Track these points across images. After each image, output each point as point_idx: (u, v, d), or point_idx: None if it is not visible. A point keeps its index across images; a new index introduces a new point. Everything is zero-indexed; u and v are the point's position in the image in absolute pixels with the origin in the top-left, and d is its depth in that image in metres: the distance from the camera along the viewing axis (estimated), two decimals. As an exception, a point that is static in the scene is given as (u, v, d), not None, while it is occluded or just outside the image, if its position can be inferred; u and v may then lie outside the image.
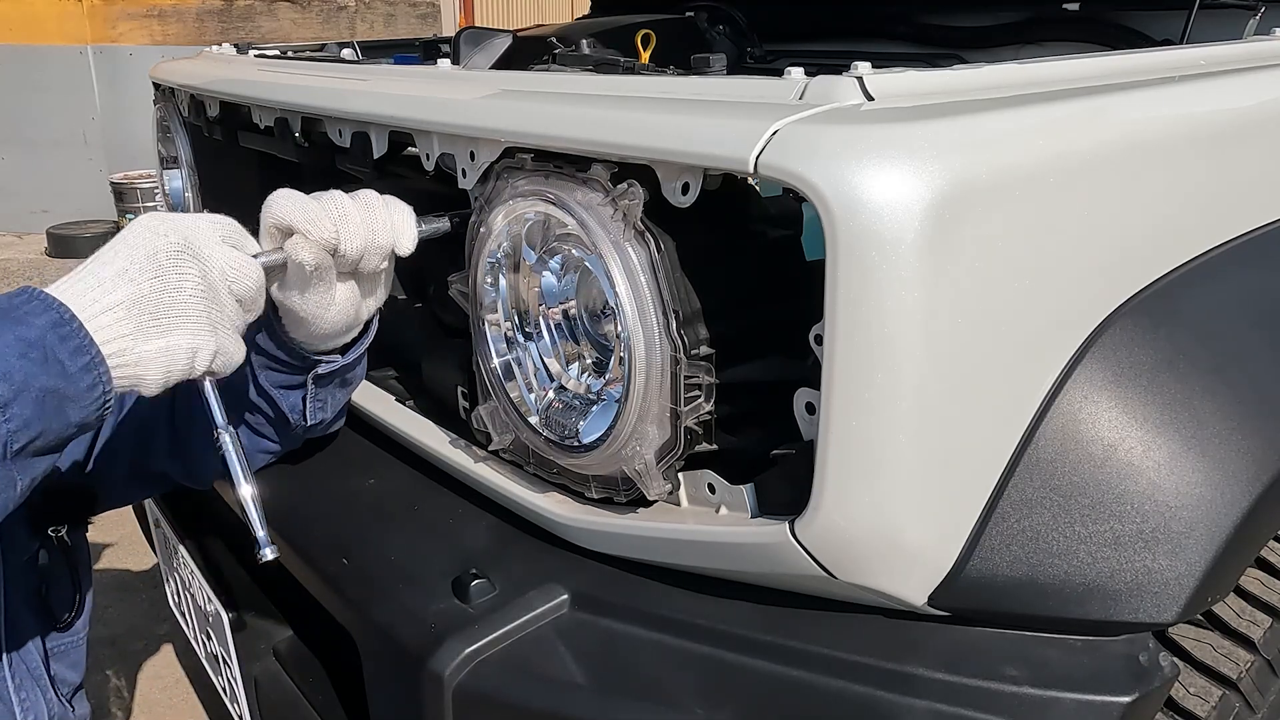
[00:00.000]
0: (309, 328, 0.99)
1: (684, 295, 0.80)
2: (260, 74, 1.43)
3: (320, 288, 0.95)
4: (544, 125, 0.86)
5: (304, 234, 0.90)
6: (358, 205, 0.93)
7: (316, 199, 0.92)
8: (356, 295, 0.99)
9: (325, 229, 0.90)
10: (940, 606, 0.79)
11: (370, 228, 0.93)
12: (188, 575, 1.41)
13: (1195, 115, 0.95)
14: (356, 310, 1.00)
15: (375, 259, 0.95)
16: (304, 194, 0.93)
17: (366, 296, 1.01)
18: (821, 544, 0.74)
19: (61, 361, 0.75)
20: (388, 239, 0.94)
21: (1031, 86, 0.86)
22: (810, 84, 0.78)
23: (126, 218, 5.85)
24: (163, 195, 1.86)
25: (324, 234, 0.90)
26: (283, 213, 0.91)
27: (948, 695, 0.77)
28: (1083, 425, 0.80)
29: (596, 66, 1.37)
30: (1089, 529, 0.78)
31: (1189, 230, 0.94)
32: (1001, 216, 0.73)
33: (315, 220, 0.90)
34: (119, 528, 2.69)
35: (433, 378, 1.21)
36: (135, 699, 2.11)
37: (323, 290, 0.95)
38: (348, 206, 0.92)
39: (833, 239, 0.67)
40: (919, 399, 0.71)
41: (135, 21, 6.40)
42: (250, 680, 1.23)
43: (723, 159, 0.72)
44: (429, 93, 1.07)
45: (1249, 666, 0.87)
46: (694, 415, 0.82)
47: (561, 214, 0.85)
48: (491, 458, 1.04)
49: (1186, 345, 0.87)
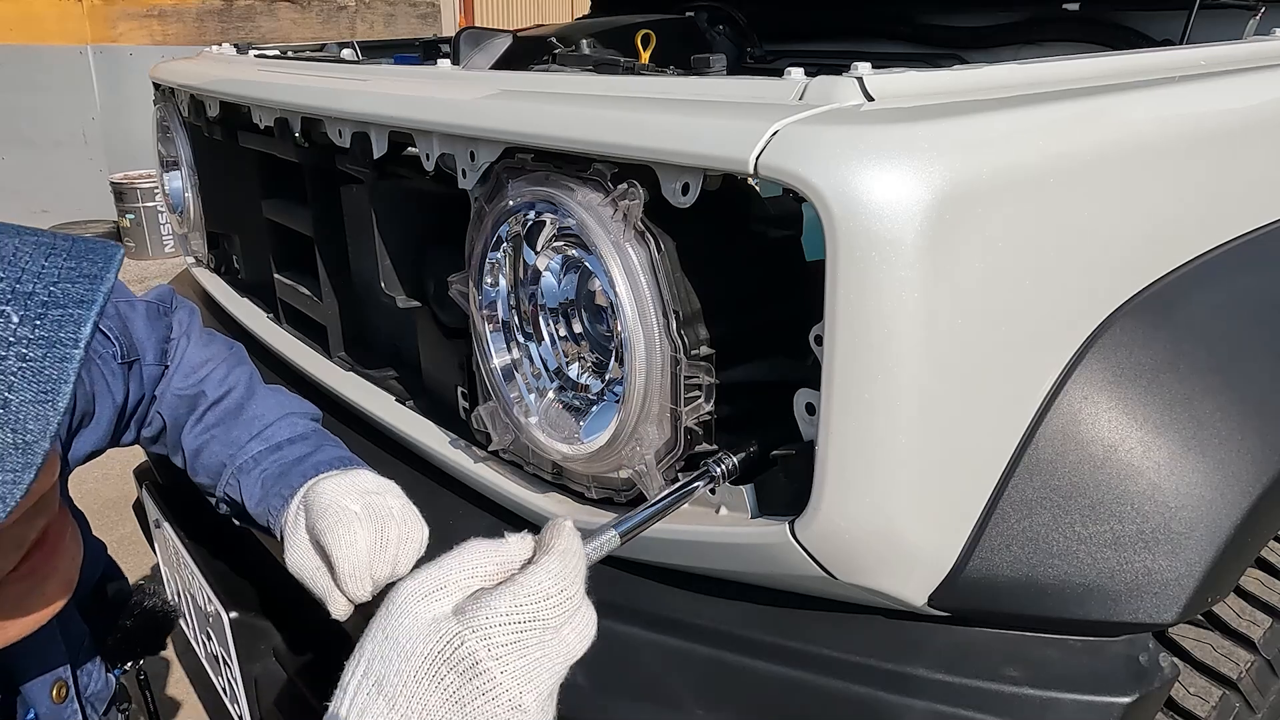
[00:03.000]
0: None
1: (684, 295, 0.80)
2: (260, 74, 1.43)
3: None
4: (544, 125, 0.86)
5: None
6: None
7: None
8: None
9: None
10: (940, 607, 0.79)
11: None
12: (188, 575, 1.41)
13: (1195, 115, 0.95)
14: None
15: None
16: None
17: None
18: (821, 544, 0.74)
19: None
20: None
21: (1032, 87, 0.86)
22: (810, 84, 0.78)
23: (127, 218, 5.86)
24: (163, 195, 1.86)
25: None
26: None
27: (948, 695, 0.77)
28: (1083, 426, 0.80)
29: (596, 66, 1.37)
30: (1089, 529, 0.78)
31: (1189, 231, 0.94)
32: (1001, 217, 0.73)
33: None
34: (119, 527, 2.69)
35: (433, 378, 1.21)
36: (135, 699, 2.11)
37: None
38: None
39: (832, 239, 0.67)
40: (919, 399, 0.71)
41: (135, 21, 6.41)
42: (250, 680, 1.23)
43: (723, 159, 0.72)
44: (429, 93, 1.07)
45: (1249, 666, 0.87)
46: (694, 415, 0.82)
47: (561, 214, 0.85)
48: (491, 458, 1.04)
49: (1187, 345, 0.87)
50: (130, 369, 1.04)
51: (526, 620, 0.60)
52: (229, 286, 1.73)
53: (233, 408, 1.06)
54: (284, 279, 1.52)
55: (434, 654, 0.59)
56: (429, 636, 0.60)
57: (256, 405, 1.06)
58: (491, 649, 0.59)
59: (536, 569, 0.62)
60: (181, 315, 1.14)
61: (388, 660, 0.60)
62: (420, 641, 0.60)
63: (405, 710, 0.59)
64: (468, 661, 0.58)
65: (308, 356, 1.41)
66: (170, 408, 1.08)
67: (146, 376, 1.07)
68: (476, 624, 0.59)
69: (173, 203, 1.83)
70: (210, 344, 1.13)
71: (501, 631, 0.59)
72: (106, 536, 1.19)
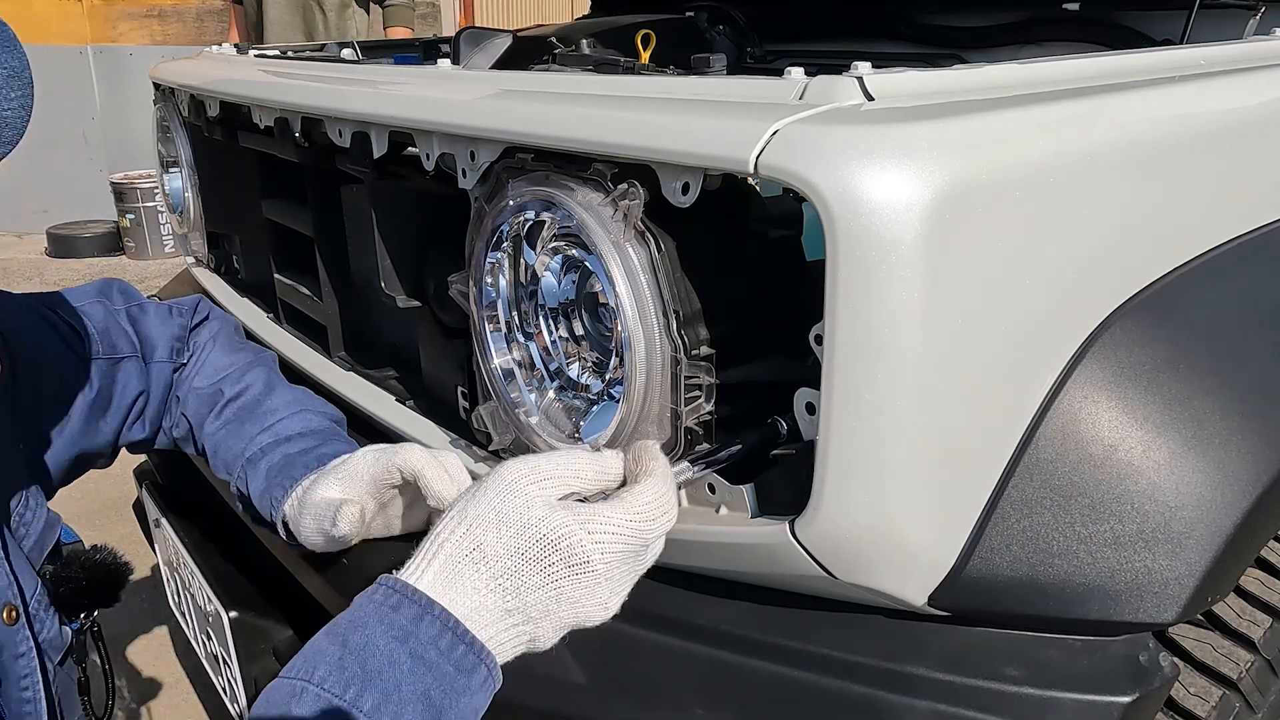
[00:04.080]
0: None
1: (684, 295, 0.80)
2: (260, 74, 1.43)
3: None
4: (544, 125, 0.86)
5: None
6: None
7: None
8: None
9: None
10: (940, 606, 0.79)
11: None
12: (188, 575, 1.41)
13: (1195, 115, 0.95)
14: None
15: None
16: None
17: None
18: (821, 544, 0.74)
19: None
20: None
21: (1031, 86, 0.86)
22: (810, 84, 0.78)
23: (127, 218, 5.86)
24: (163, 195, 1.86)
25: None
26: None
27: (948, 695, 0.77)
28: (1083, 425, 0.80)
29: (596, 66, 1.37)
30: (1089, 529, 0.78)
31: (1189, 230, 0.94)
32: (1001, 216, 0.73)
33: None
34: (119, 527, 2.69)
35: (433, 378, 1.21)
36: (135, 699, 2.11)
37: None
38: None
39: (833, 239, 0.67)
40: (919, 399, 0.71)
41: (135, 21, 6.41)
42: (250, 680, 1.23)
43: (723, 159, 0.72)
44: (429, 93, 1.07)
45: (1249, 666, 0.87)
46: (694, 415, 0.82)
47: (561, 214, 0.85)
48: (492, 458, 1.04)
49: (1187, 345, 0.87)
50: (118, 365, 1.06)
51: (633, 535, 0.67)
52: (229, 286, 1.73)
53: (249, 403, 1.08)
54: (284, 279, 1.52)
55: (548, 540, 0.65)
56: (545, 520, 0.66)
57: (272, 401, 1.08)
58: (604, 553, 0.66)
59: (644, 490, 0.69)
60: (213, 324, 1.19)
61: (493, 530, 0.66)
62: (536, 523, 0.66)
63: (503, 579, 0.66)
64: (580, 557, 0.65)
65: (308, 356, 1.41)
66: (193, 407, 1.11)
67: (155, 373, 1.09)
68: (593, 527, 0.65)
69: (173, 203, 1.83)
70: (237, 350, 1.17)
71: (613, 540, 0.66)
72: (106, 536, 1.19)
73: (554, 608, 0.67)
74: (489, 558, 0.66)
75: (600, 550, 0.66)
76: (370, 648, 0.64)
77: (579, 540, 0.65)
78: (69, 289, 1.11)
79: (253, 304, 1.65)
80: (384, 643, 0.64)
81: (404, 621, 0.65)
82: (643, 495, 0.68)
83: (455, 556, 0.66)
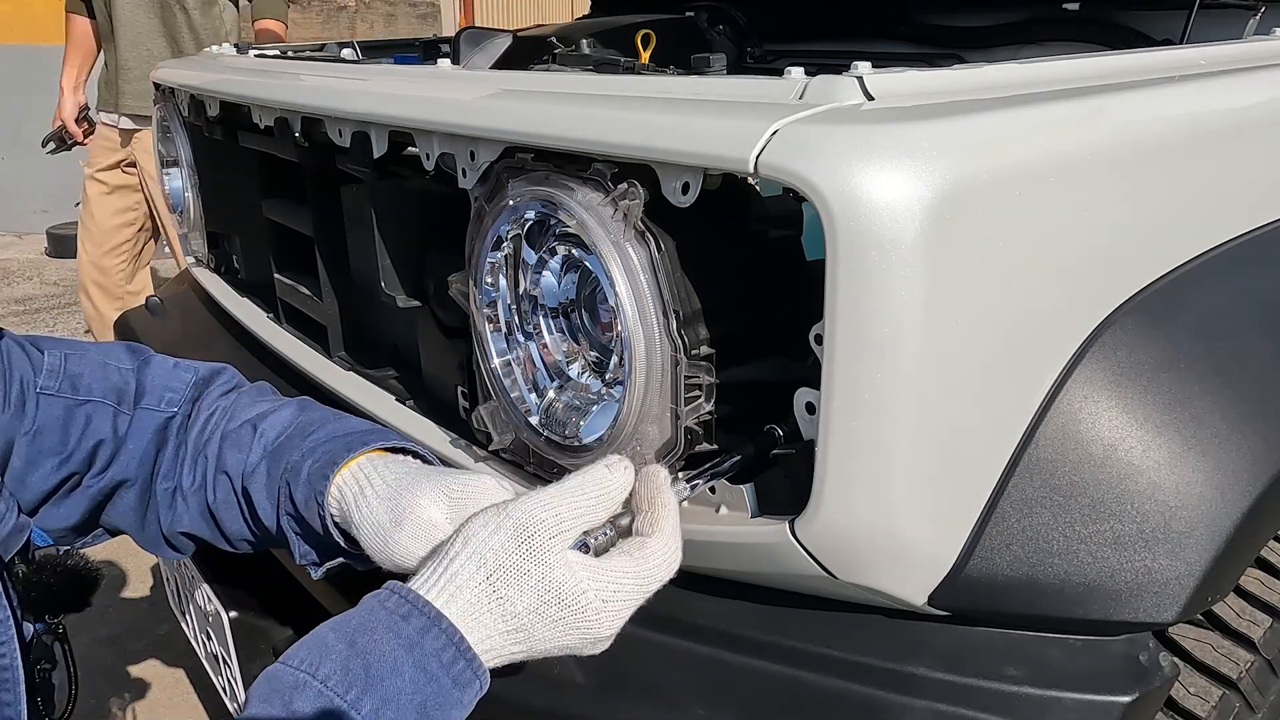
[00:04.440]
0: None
1: (684, 295, 0.80)
2: (260, 74, 1.43)
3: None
4: (544, 125, 0.86)
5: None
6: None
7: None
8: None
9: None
10: (940, 606, 0.79)
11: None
12: (188, 575, 1.41)
13: (1195, 115, 0.95)
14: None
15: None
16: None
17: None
18: (821, 544, 0.74)
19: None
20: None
21: (1031, 86, 0.86)
22: (810, 84, 0.78)
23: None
24: (163, 195, 1.86)
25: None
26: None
27: (948, 695, 0.77)
28: (1083, 425, 0.80)
29: (596, 66, 1.37)
30: (1089, 529, 0.78)
31: (1189, 230, 0.94)
32: (1001, 216, 0.73)
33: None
34: (119, 528, 2.69)
35: (433, 378, 1.21)
36: (135, 699, 2.11)
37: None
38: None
39: (833, 239, 0.67)
40: (919, 399, 0.71)
41: (135, 22, 6.39)
42: (250, 680, 1.23)
43: (723, 159, 0.72)
44: (429, 93, 1.07)
45: (1249, 666, 0.87)
46: (694, 415, 0.82)
47: (562, 214, 0.85)
48: (491, 458, 1.04)
49: (1187, 345, 0.87)
50: (79, 407, 0.99)
51: (641, 590, 0.71)
52: (229, 286, 1.73)
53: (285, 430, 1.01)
54: (284, 279, 1.52)
55: (565, 602, 0.69)
56: (565, 584, 0.69)
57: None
58: (613, 611, 0.70)
59: (655, 549, 0.72)
60: (247, 392, 1.07)
61: (515, 586, 0.68)
62: (557, 587, 0.69)
63: (518, 631, 0.69)
64: (592, 613, 0.69)
65: (308, 356, 1.41)
66: (227, 454, 1.01)
67: (138, 419, 1.02)
68: (605, 592, 0.69)
69: (173, 203, 1.83)
70: (266, 396, 1.06)
71: (624, 598, 0.70)
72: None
73: (555, 644, 0.71)
74: (508, 614, 0.68)
75: (610, 609, 0.70)
76: (377, 652, 0.65)
77: (592, 600, 0.69)
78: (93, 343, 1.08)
79: (253, 304, 1.65)
80: (390, 649, 0.65)
81: (411, 632, 0.66)
82: (654, 556, 0.72)
83: (462, 574, 0.69)
